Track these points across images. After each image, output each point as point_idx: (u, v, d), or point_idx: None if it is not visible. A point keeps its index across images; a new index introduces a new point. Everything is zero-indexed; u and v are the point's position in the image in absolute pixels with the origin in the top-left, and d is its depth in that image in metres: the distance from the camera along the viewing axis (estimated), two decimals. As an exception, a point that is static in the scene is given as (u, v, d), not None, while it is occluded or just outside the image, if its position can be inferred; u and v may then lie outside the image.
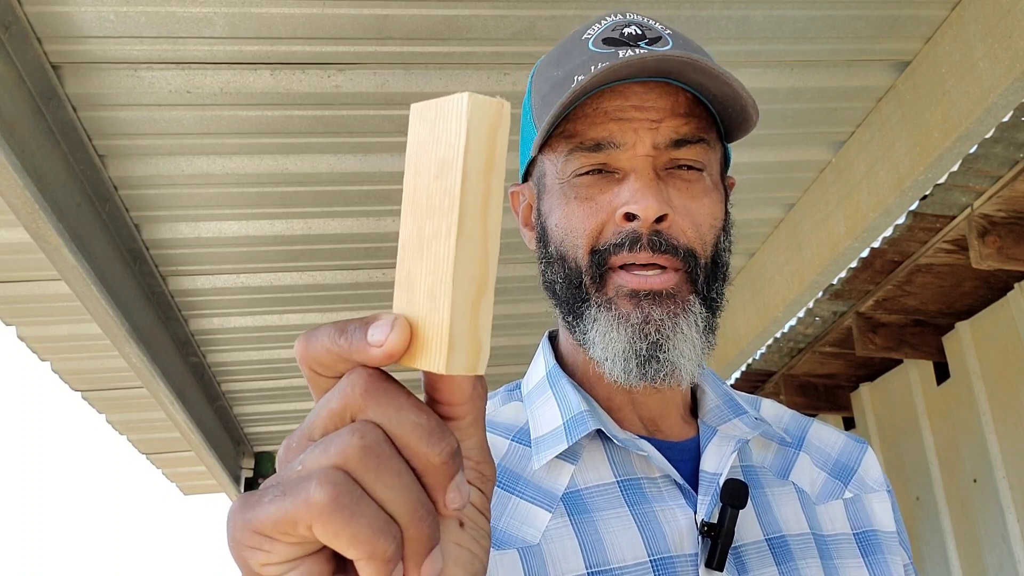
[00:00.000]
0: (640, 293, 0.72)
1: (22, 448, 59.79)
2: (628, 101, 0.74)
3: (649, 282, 0.72)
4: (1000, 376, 2.70)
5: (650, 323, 0.72)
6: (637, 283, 0.72)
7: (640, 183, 0.72)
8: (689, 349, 0.72)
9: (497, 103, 0.37)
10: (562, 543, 0.70)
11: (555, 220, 0.77)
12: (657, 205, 0.71)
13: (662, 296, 0.72)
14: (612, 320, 0.73)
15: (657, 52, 0.71)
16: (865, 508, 0.83)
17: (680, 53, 0.70)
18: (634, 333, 0.72)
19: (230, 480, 4.03)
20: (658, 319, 0.72)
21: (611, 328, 0.73)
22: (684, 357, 0.72)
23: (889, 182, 2.09)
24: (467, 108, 0.36)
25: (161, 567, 45.67)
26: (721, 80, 0.71)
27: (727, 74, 0.71)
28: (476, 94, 0.36)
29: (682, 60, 0.70)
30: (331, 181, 2.25)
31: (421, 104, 0.39)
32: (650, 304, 0.72)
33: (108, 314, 2.23)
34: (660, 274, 0.73)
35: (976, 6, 1.78)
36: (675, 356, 0.72)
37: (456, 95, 0.37)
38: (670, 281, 0.73)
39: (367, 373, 0.38)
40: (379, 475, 0.36)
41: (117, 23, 1.68)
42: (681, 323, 0.72)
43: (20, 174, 1.66)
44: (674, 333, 0.72)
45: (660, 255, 0.72)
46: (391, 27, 1.76)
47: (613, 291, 0.73)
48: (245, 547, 0.37)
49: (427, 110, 0.39)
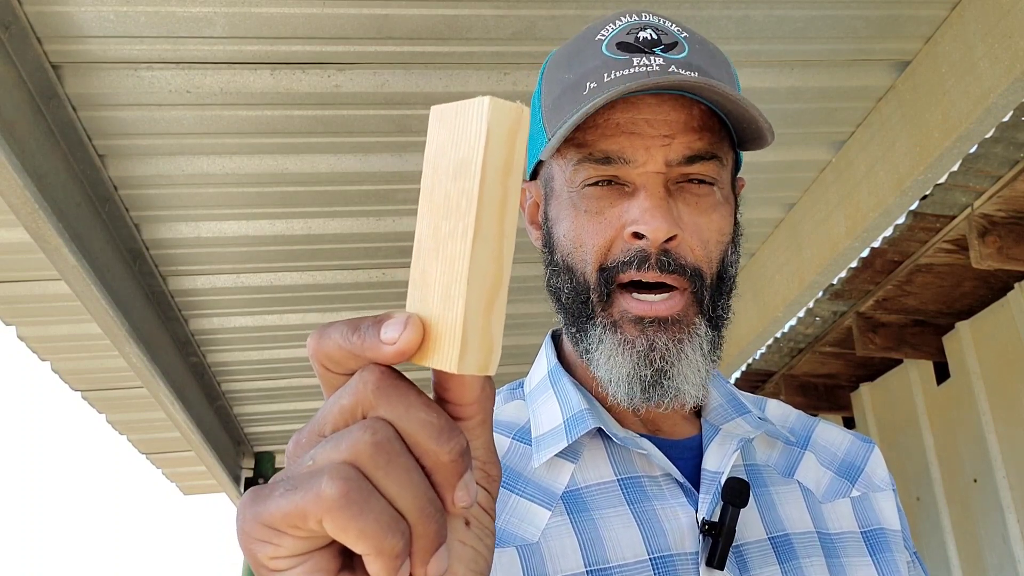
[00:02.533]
0: (645, 320, 0.72)
1: (22, 448, 59.76)
2: (640, 114, 0.72)
3: (655, 309, 0.72)
4: (1000, 376, 2.70)
5: (655, 350, 0.72)
6: (642, 310, 0.72)
7: (650, 202, 0.71)
8: (693, 374, 0.72)
9: (517, 107, 0.37)
10: (561, 541, 0.70)
11: (563, 230, 0.76)
12: (667, 226, 0.70)
13: (667, 323, 0.72)
14: (617, 345, 0.73)
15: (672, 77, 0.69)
16: (873, 506, 0.83)
17: (696, 80, 0.69)
18: (639, 360, 0.72)
19: (230, 480, 4.03)
20: (663, 347, 0.72)
21: (616, 352, 0.72)
22: (688, 383, 0.72)
23: (889, 182, 2.09)
24: (488, 110, 0.36)
25: (161, 567, 45.65)
26: (738, 105, 0.71)
27: (744, 100, 0.70)
28: (497, 98, 0.37)
29: (698, 85, 0.69)
30: (331, 181, 2.25)
31: (441, 106, 0.39)
32: (655, 331, 0.72)
33: (108, 314, 2.22)
34: (666, 299, 0.72)
35: (976, 6, 1.78)
36: (679, 382, 0.72)
37: (477, 98, 0.37)
38: (676, 307, 0.72)
39: (379, 371, 0.38)
40: (389, 472, 0.36)
41: (117, 23, 1.68)
42: (686, 349, 0.72)
43: (20, 174, 1.66)
44: (679, 360, 0.72)
45: (668, 275, 0.72)
46: (391, 27, 1.76)
47: (619, 315, 0.73)
48: (254, 540, 0.37)
49: (447, 112, 0.39)
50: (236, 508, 0.39)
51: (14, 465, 59.97)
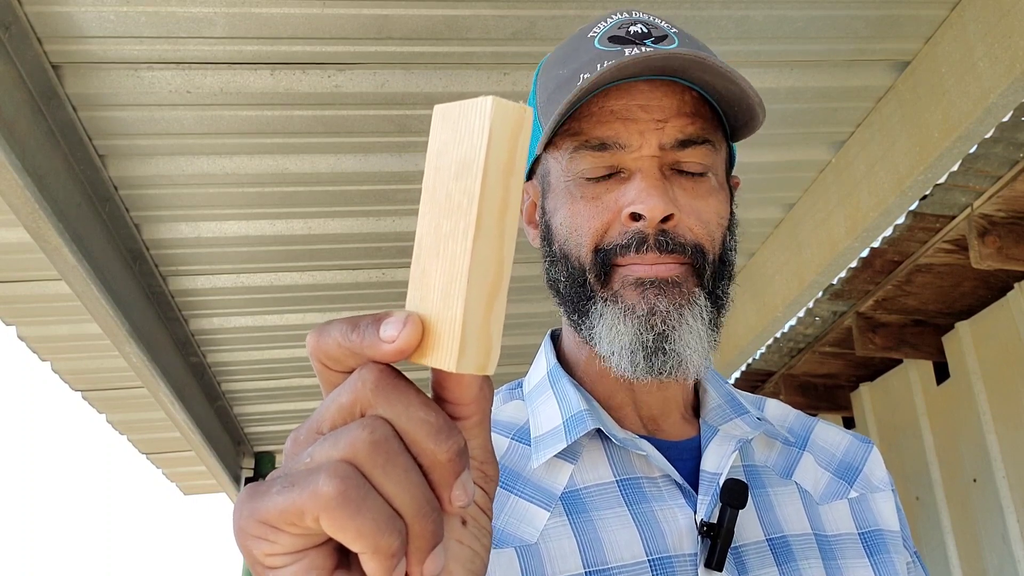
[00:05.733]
0: (646, 281, 0.72)
1: (22, 448, 59.82)
2: (634, 100, 0.73)
3: (655, 270, 0.72)
4: (1000, 376, 2.70)
5: (656, 314, 0.72)
6: (643, 271, 0.72)
7: (646, 183, 0.72)
8: (695, 341, 0.72)
9: (520, 108, 0.37)
10: (560, 542, 0.70)
11: (560, 218, 0.77)
12: (663, 205, 0.71)
13: (668, 284, 0.72)
14: (618, 313, 0.73)
15: (663, 50, 0.70)
16: (871, 507, 0.83)
17: (686, 51, 0.70)
18: (640, 324, 0.72)
19: (230, 480, 4.03)
20: (663, 310, 0.72)
21: (617, 321, 0.72)
22: (690, 349, 0.72)
23: (889, 182, 2.09)
24: (491, 110, 0.37)
25: (161, 567, 45.68)
26: (727, 78, 0.71)
27: (733, 72, 0.71)
28: (500, 98, 0.37)
29: (688, 58, 0.70)
30: (331, 181, 2.25)
31: (444, 105, 0.39)
32: (655, 294, 0.72)
33: (108, 314, 2.23)
34: (666, 264, 0.72)
35: (976, 6, 1.78)
36: (681, 348, 0.72)
37: (480, 98, 0.37)
38: (676, 270, 0.73)
39: (378, 369, 0.38)
40: (387, 470, 0.36)
41: (117, 23, 1.68)
42: (686, 314, 0.72)
43: (20, 174, 1.66)
44: (680, 324, 0.72)
45: (667, 255, 0.72)
46: (391, 27, 1.76)
47: (619, 283, 0.73)
48: (251, 537, 0.38)
49: (450, 111, 0.39)
50: (233, 504, 0.39)
51: (14, 466, 60.06)
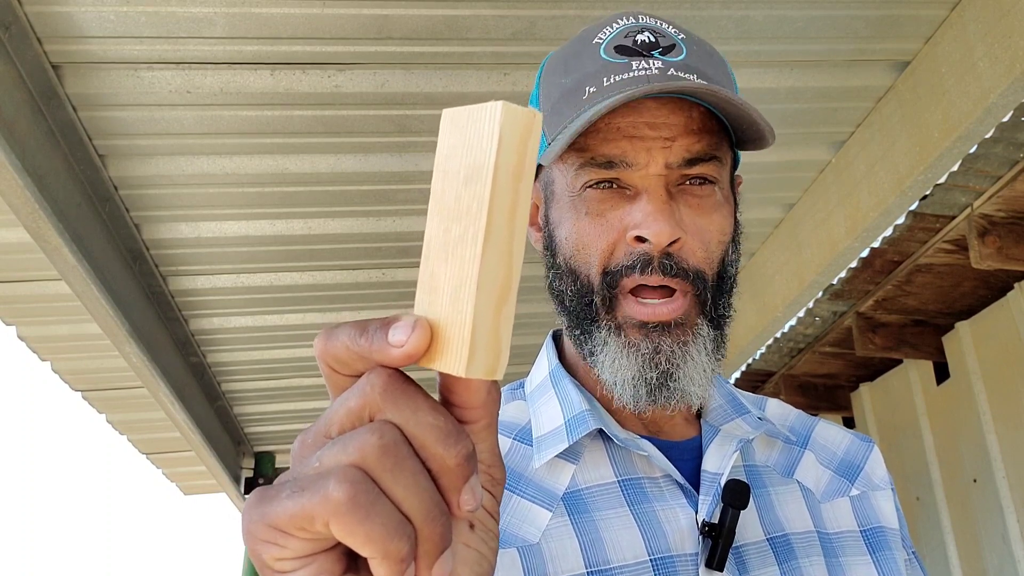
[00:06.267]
0: (649, 325, 0.72)
1: (22, 449, 59.79)
2: (641, 118, 0.73)
3: (658, 313, 0.72)
4: (1000, 376, 2.70)
5: (660, 353, 0.72)
6: (646, 315, 0.72)
7: (653, 205, 0.71)
8: (699, 375, 0.73)
9: (530, 112, 0.37)
10: (562, 542, 0.70)
11: (565, 233, 0.76)
12: (669, 230, 0.71)
13: (671, 327, 0.72)
14: (621, 347, 0.73)
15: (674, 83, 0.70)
16: (872, 505, 0.83)
17: (697, 84, 0.69)
18: (644, 362, 0.72)
19: (230, 480, 4.03)
20: (668, 349, 0.72)
21: (621, 355, 0.73)
22: (694, 383, 0.72)
23: (889, 182, 2.09)
24: (500, 115, 0.36)
25: (161, 567, 45.68)
26: (739, 108, 0.71)
27: (745, 104, 0.71)
28: (509, 103, 0.37)
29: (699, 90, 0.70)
30: (331, 181, 2.25)
31: (453, 110, 0.39)
32: (659, 335, 0.72)
33: (108, 314, 2.22)
34: (669, 303, 0.72)
35: (976, 6, 1.78)
36: (685, 384, 0.72)
37: (490, 103, 0.37)
38: (678, 310, 0.72)
39: (386, 373, 0.38)
40: (396, 475, 0.36)
41: (117, 23, 1.67)
42: (691, 350, 0.72)
43: (20, 174, 1.66)
44: (684, 361, 0.72)
45: (671, 279, 0.72)
46: (391, 27, 1.76)
47: (623, 319, 0.73)
48: (260, 541, 0.38)
49: (459, 115, 0.39)
50: (242, 508, 0.39)
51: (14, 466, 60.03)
